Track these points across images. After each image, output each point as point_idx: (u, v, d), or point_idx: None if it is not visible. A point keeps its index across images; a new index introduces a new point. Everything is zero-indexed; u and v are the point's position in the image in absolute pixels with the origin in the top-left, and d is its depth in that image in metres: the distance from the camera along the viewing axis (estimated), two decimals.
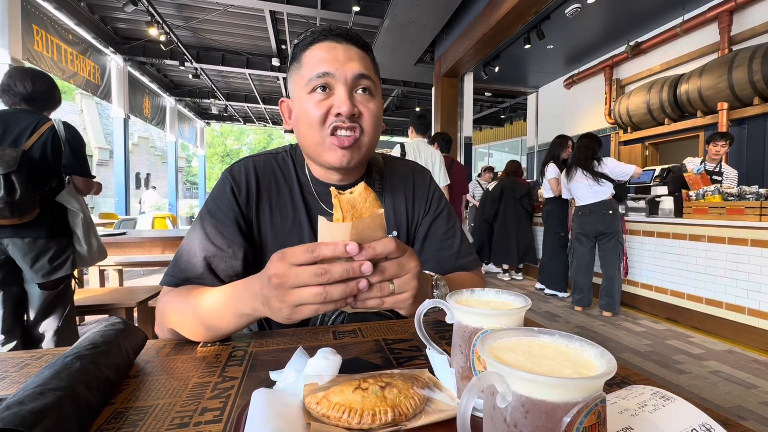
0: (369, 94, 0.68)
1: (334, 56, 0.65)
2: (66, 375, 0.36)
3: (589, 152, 3.32)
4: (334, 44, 0.66)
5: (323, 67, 0.64)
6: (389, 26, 5.34)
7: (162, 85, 8.76)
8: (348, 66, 0.65)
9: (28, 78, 1.70)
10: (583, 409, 0.23)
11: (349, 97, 0.65)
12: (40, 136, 1.65)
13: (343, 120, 0.64)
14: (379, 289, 0.45)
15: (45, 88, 1.74)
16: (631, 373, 0.49)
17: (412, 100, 9.95)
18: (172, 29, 5.87)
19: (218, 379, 0.48)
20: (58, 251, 1.74)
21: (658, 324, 3.13)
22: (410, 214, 0.81)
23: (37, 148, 1.64)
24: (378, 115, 0.69)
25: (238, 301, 0.53)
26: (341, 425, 0.35)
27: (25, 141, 1.61)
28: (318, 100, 0.65)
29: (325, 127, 0.65)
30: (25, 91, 1.69)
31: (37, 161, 1.64)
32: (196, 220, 0.70)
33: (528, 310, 0.40)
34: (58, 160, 1.71)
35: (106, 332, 0.48)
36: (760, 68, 3.76)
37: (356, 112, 0.65)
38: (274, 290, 0.44)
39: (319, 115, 0.65)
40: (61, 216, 1.76)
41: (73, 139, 1.75)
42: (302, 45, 0.68)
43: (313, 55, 0.66)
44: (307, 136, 0.68)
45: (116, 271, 3.21)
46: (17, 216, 1.55)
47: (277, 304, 0.45)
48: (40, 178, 1.65)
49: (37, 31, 4.53)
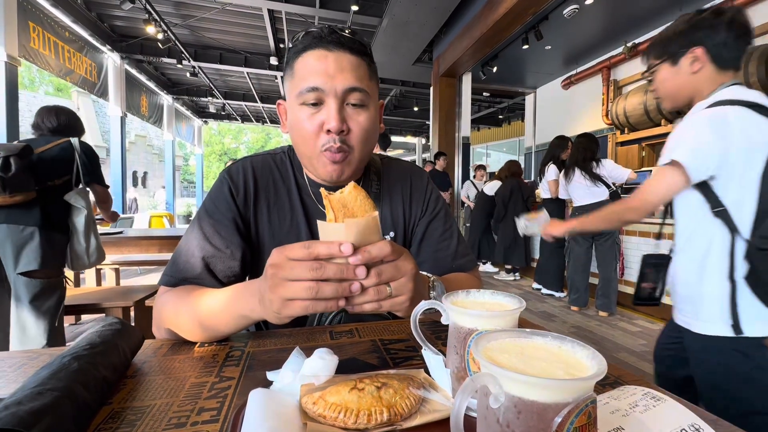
0: (360, 107, 0.66)
1: (324, 67, 0.63)
2: (64, 375, 0.37)
3: (588, 153, 3.32)
4: (326, 53, 0.64)
5: (313, 80, 0.63)
6: (388, 25, 5.34)
7: (159, 83, 8.72)
8: (338, 79, 0.63)
9: (53, 113, 1.97)
10: (574, 409, 0.24)
11: (339, 112, 0.64)
12: (54, 145, 1.86)
13: (333, 139, 0.64)
14: (377, 292, 0.45)
15: (68, 121, 2.00)
16: (624, 373, 0.50)
17: (410, 100, 9.96)
18: (169, 27, 5.84)
19: (215, 379, 0.48)
20: (47, 244, 1.76)
21: (653, 324, 3.15)
22: (407, 215, 0.81)
23: (50, 151, 1.83)
24: (369, 127, 0.68)
25: (238, 300, 0.54)
26: (337, 425, 0.35)
27: (38, 147, 1.81)
28: (309, 114, 0.65)
29: (317, 143, 0.66)
30: (51, 125, 1.95)
31: (46, 160, 1.80)
32: (194, 221, 0.70)
33: (524, 310, 0.40)
34: (68, 163, 1.88)
35: (103, 332, 0.48)
36: (756, 70, 3.78)
37: (345, 128, 0.65)
38: (269, 280, 0.45)
39: (310, 130, 0.65)
40: (59, 212, 1.82)
41: (90, 152, 1.99)
42: (294, 51, 0.67)
43: (304, 65, 0.65)
44: (303, 148, 0.68)
45: (113, 270, 3.21)
46: (8, 192, 1.60)
47: (269, 296, 0.45)
48: (45, 171, 1.78)
49: (33, 28, 4.50)
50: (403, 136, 14.23)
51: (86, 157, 1.94)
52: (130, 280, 4.65)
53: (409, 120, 11.32)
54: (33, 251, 1.72)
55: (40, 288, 1.76)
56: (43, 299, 1.77)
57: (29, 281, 1.73)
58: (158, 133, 15.25)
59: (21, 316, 1.74)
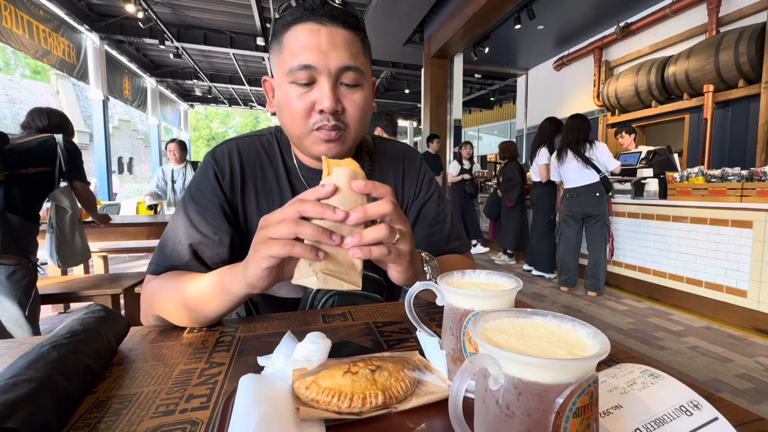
0: (355, 86, 0.62)
1: (316, 43, 0.58)
2: (42, 365, 0.35)
3: (581, 134, 3.31)
4: (318, 26, 0.59)
5: (305, 57, 0.58)
6: (378, 4, 5.20)
7: (142, 65, 8.43)
8: (332, 56, 0.59)
9: (45, 114, 1.98)
10: (576, 389, 0.23)
11: (333, 92, 0.60)
12: (33, 138, 1.85)
13: (327, 118, 0.60)
14: (389, 232, 0.43)
15: (58, 122, 2.00)
16: (618, 351, 0.50)
17: (401, 82, 9.80)
18: (150, 5, 5.60)
19: (205, 365, 0.47)
20: (6, 229, 1.69)
21: (640, 303, 3.23)
22: (400, 197, 0.80)
23: (27, 143, 1.82)
24: (364, 105, 0.64)
25: (223, 275, 0.53)
26: (331, 409, 0.34)
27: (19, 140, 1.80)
28: (300, 92, 0.60)
29: (309, 122, 0.62)
30: (42, 124, 1.95)
31: (21, 150, 1.78)
32: (179, 207, 0.68)
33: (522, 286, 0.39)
34: (45, 157, 1.85)
35: (85, 320, 0.46)
36: (746, 50, 3.78)
37: (340, 108, 0.61)
38: (258, 231, 0.45)
39: (301, 109, 0.61)
40: (27, 198, 1.77)
41: (72, 148, 1.95)
42: (283, 22, 0.61)
43: (294, 39, 0.59)
44: (291, 127, 0.64)
45: (101, 258, 3.15)
46: None
47: (254, 242, 0.46)
48: (16, 160, 1.74)
49: (5, 6, 4.28)
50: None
51: (68, 152, 1.91)
52: (119, 266, 4.59)
53: (400, 103, 11.17)
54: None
55: (7, 275, 1.69)
56: (8, 287, 1.70)
57: None
58: (143, 118, 14.82)
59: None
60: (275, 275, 0.47)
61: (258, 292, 0.49)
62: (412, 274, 0.50)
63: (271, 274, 0.46)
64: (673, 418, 0.29)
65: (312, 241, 0.42)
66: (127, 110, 17.68)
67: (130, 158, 18.45)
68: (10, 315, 1.73)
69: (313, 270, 0.42)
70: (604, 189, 3.28)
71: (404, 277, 0.50)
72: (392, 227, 0.44)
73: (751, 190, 2.62)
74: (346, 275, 0.43)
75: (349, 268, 0.44)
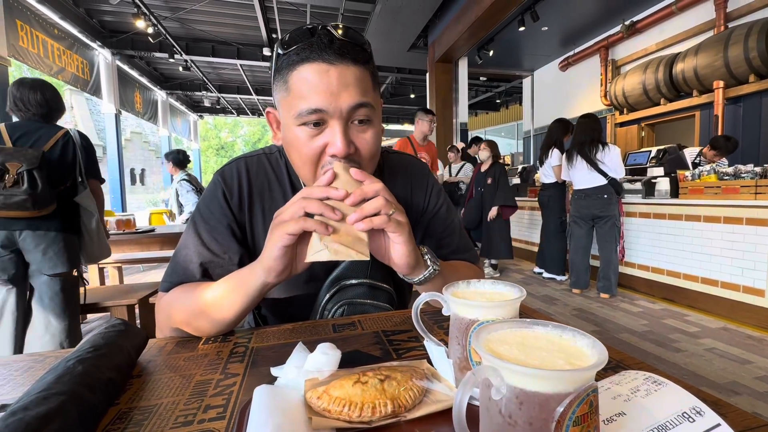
0: (366, 122, 0.60)
1: (326, 85, 0.55)
2: (69, 379, 0.37)
3: (594, 134, 3.26)
4: (327, 66, 0.55)
5: (314, 101, 0.55)
6: (381, 11, 5.25)
7: (152, 78, 8.62)
8: (343, 97, 0.56)
9: (38, 89, 1.79)
10: (575, 399, 0.24)
11: (344, 135, 0.57)
12: (57, 140, 1.82)
13: (339, 159, 0.58)
14: (386, 202, 0.52)
15: (54, 96, 1.85)
16: (625, 357, 0.50)
17: (406, 87, 9.85)
18: (159, 20, 5.75)
19: (220, 375, 0.48)
20: (67, 245, 1.82)
21: (654, 304, 3.17)
22: (408, 210, 0.81)
23: (55, 150, 1.81)
24: (376, 141, 0.62)
25: (242, 269, 0.59)
26: (342, 419, 0.36)
27: (43, 145, 1.77)
28: (310, 134, 0.58)
29: (320, 166, 0.60)
30: (38, 102, 1.78)
31: (54, 162, 1.79)
32: (189, 224, 0.69)
33: (526, 294, 0.40)
34: (72, 162, 1.86)
35: (106, 334, 0.48)
36: (756, 45, 3.73)
37: (352, 149, 0.59)
38: (273, 221, 0.53)
39: (312, 153, 0.58)
40: (71, 214, 1.86)
41: (88, 145, 1.95)
42: (289, 61, 0.57)
43: (301, 80, 0.56)
44: (301, 167, 0.62)
45: (116, 269, 3.22)
46: (37, 209, 1.65)
47: (270, 229, 0.53)
48: (57, 177, 1.79)
49: (21, 26, 4.43)
50: (401, 124, 14.13)
51: (85, 150, 1.91)
52: (133, 277, 4.68)
53: (405, 108, 11.21)
54: (57, 254, 1.77)
55: (62, 287, 1.81)
56: (66, 298, 1.82)
57: (51, 281, 1.78)
58: (154, 130, 15.14)
59: (44, 317, 1.78)
60: (290, 258, 0.54)
61: (273, 281, 0.54)
62: (413, 247, 0.56)
63: (286, 254, 0.52)
64: (676, 424, 0.30)
65: (318, 215, 0.50)
66: (138, 122, 18.06)
67: (142, 169, 18.81)
68: (65, 325, 1.82)
69: (324, 244, 0.49)
70: (614, 191, 3.24)
71: (407, 249, 0.55)
72: (387, 199, 0.52)
73: (765, 187, 2.57)
74: (354, 246, 0.49)
75: (356, 241, 0.50)
